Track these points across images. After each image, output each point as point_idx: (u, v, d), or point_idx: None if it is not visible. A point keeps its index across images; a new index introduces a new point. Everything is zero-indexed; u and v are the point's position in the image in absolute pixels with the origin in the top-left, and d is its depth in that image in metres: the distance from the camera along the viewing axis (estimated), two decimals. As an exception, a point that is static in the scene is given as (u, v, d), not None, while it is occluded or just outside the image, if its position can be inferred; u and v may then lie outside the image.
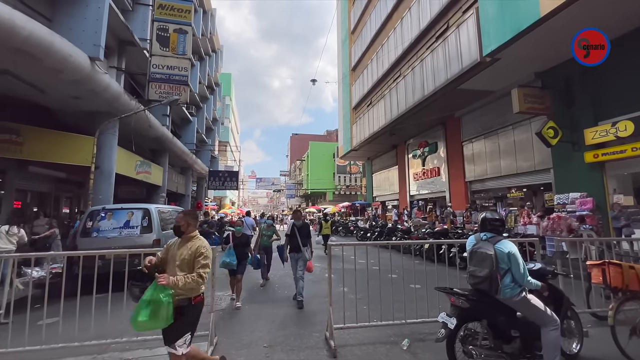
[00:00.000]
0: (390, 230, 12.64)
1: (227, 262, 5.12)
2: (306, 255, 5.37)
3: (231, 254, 5.17)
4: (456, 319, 2.64)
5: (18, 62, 6.33)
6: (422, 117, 13.59)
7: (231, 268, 5.19)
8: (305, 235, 5.51)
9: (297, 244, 5.39)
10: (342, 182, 44.81)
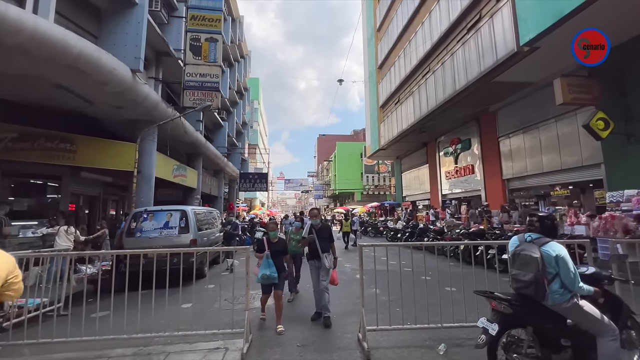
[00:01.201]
0: (422, 231, 12.27)
1: (267, 275, 4.12)
2: (326, 263, 4.40)
3: (270, 265, 4.18)
4: (498, 325, 2.50)
5: (70, 77, 6.95)
6: (453, 113, 13.06)
7: (272, 282, 4.20)
8: (326, 238, 4.56)
9: (315, 250, 4.50)
10: (371, 182, 44.25)
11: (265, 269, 4.15)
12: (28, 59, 6.02)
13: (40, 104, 8.46)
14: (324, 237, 4.55)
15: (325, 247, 4.49)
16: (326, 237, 4.57)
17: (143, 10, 8.93)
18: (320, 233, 4.58)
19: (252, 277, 4.01)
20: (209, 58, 12.05)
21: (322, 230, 4.62)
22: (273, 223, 4.71)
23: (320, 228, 4.63)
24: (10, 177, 8.91)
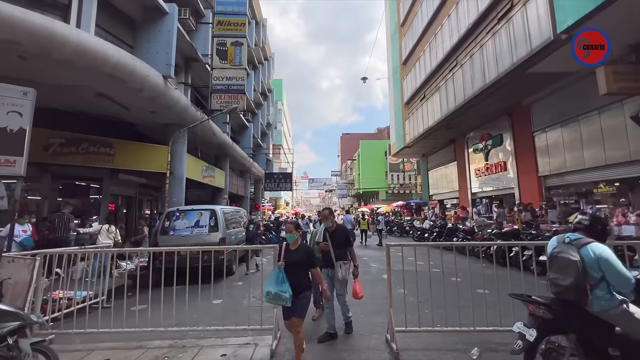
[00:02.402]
0: (450, 231, 11.87)
1: (273, 293, 2.93)
2: (339, 272, 3.80)
3: (280, 281, 2.96)
4: (536, 331, 2.36)
5: (109, 85, 7.42)
6: (483, 107, 12.50)
7: (281, 304, 2.98)
8: (340, 243, 3.90)
9: (328, 257, 3.89)
10: (395, 181, 43.43)
11: (272, 286, 2.96)
12: (73, 70, 6.50)
13: (84, 111, 9.11)
14: (339, 242, 3.92)
15: (340, 254, 3.87)
16: (342, 242, 3.94)
17: (173, 18, 9.35)
18: (335, 237, 3.95)
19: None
20: (234, 61, 12.38)
21: (337, 233, 4.00)
22: (292, 223, 3.41)
23: (335, 231, 4.02)
24: (58, 180, 9.69)
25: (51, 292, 4.07)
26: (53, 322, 3.95)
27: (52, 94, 7.35)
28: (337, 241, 3.94)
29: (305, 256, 3.16)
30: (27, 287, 3.30)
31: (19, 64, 6.09)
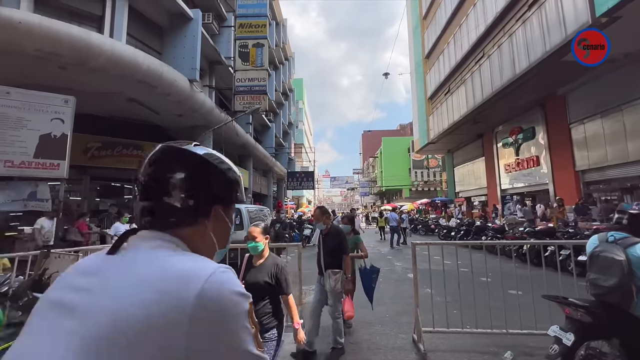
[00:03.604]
0: (478, 229, 11.44)
1: None
2: (328, 284, 3.24)
3: None
4: (574, 335, 2.22)
5: (140, 90, 7.81)
6: (513, 99, 11.90)
7: None
8: (333, 249, 3.33)
9: (319, 264, 3.43)
10: (419, 178, 42.47)
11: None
12: (107, 78, 6.91)
13: (117, 116, 9.66)
14: (331, 247, 3.34)
15: (331, 261, 3.30)
16: (334, 248, 3.32)
17: (197, 24, 9.66)
18: (327, 241, 3.38)
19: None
20: (256, 63, 12.62)
21: (330, 237, 3.39)
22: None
23: (327, 234, 3.42)
24: (96, 181, 10.34)
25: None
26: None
27: (89, 101, 7.85)
28: (329, 246, 3.34)
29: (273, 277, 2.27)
30: (71, 281, 3.54)
31: (60, 74, 6.56)
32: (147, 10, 9.06)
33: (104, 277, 0.53)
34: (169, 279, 0.51)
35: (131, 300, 0.49)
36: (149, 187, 0.62)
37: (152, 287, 0.50)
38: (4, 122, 5.18)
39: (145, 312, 0.47)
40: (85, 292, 0.52)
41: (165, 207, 0.61)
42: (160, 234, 0.60)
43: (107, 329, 0.47)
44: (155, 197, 0.62)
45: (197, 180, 0.63)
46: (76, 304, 0.51)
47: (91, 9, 7.72)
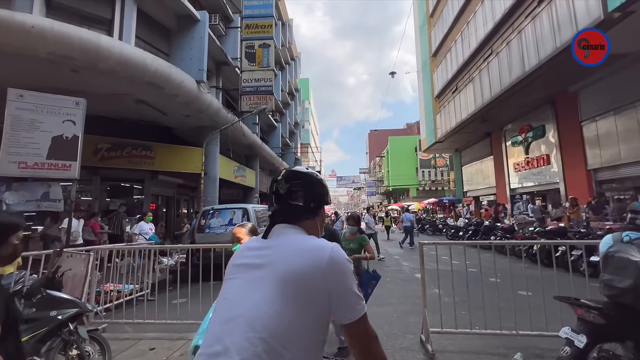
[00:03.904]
0: (487, 229, 11.30)
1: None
2: None
3: None
4: (587, 337, 2.18)
5: (148, 92, 7.92)
6: (522, 97, 11.70)
7: None
8: None
9: None
10: (427, 177, 42.13)
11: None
12: (116, 80, 7.02)
13: (126, 117, 9.81)
14: None
15: None
16: None
17: (204, 25, 9.75)
18: None
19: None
20: (262, 63, 12.66)
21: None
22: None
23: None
24: (106, 182, 10.52)
25: (103, 285, 4.44)
26: (105, 312, 4.30)
27: (99, 103, 7.99)
28: None
29: None
30: (83, 279, 3.63)
31: (72, 76, 6.69)
32: (155, 12, 9.17)
33: (275, 248, 0.95)
34: (311, 249, 0.92)
35: (295, 259, 0.90)
36: (284, 196, 1.03)
37: (304, 252, 0.91)
38: (18, 125, 5.31)
39: (303, 265, 0.88)
40: (265, 257, 0.93)
41: (295, 208, 1.02)
42: (293, 225, 1.01)
43: (285, 273, 0.87)
44: (289, 202, 1.02)
45: (313, 191, 1.06)
46: (262, 263, 0.92)
47: (101, 12, 7.85)
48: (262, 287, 0.87)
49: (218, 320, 0.88)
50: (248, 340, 0.79)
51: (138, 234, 6.62)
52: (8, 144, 5.23)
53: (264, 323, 0.81)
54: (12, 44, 5.58)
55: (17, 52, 5.74)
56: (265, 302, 0.84)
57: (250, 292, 0.88)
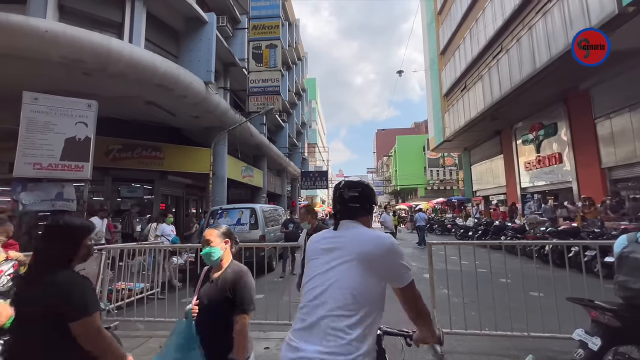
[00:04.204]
0: (497, 229, 11.13)
1: None
2: None
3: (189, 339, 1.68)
4: (601, 339, 2.13)
5: (158, 94, 8.04)
6: (533, 95, 11.49)
7: None
8: None
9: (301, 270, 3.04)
10: (435, 177, 41.72)
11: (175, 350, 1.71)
12: (127, 82, 7.15)
13: (136, 119, 9.98)
14: None
15: None
16: None
17: (212, 27, 9.84)
18: None
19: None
20: (269, 64, 12.72)
21: None
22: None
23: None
24: (117, 182, 10.72)
25: (115, 283, 4.53)
26: (116, 310, 4.38)
27: (110, 105, 8.14)
28: None
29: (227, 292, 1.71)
30: (95, 277, 3.70)
31: (83, 79, 6.83)
32: (163, 15, 9.30)
33: (347, 237, 1.30)
34: (376, 237, 1.28)
35: (366, 244, 1.25)
36: (347, 200, 1.39)
37: (370, 240, 1.27)
38: (33, 127, 5.45)
39: (372, 248, 1.23)
40: (340, 243, 1.29)
41: (355, 209, 1.39)
42: (354, 221, 1.37)
43: (359, 253, 1.23)
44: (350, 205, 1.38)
45: (368, 195, 1.42)
46: (336, 247, 1.28)
47: (111, 15, 8.00)
48: (344, 263, 1.24)
49: (314, 285, 1.26)
50: (341, 294, 1.18)
51: (160, 236, 6.73)
52: (24, 145, 5.37)
53: (351, 285, 1.19)
54: (27, 48, 5.73)
55: (31, 56, 5.89)
56: (348, 273, 1.22)
57: (336, 267, 1.24)
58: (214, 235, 1.88)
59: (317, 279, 1.25)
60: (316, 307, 1.19)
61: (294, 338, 1.19)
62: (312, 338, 1.14)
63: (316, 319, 1.17)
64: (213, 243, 1.84)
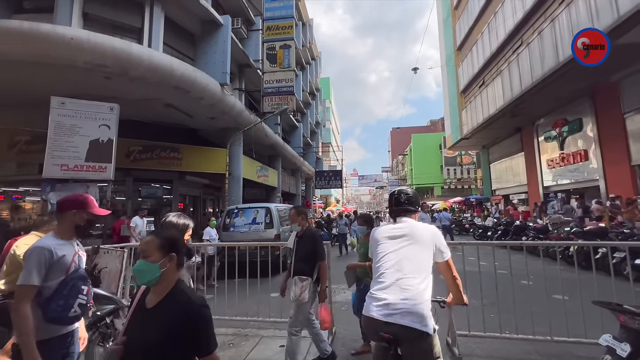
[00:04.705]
0: (518, 229, 10.77)
1: None
2: (293, 291, 2.91)
3: None
4: (630, 346, 2.02)
5: (175, 96, 8.25)
6: (556, 89, 11.02)
7: None
8: (306, 254, 3.00)
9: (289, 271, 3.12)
10: (452, 175, 40.82)
11: None
12: (146, 85, 7.38)
13: (155, 121, 10.28)
14: (303, 252, 3.01)
15: (301, 267, 2.95)
16: (307, 253, 2.99)
17: (227, 29, 10.00)
18: (300, 245, 3.06)
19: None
20: (283, 64, 12.81)
21: (304, 240, 3.07)
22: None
23: (302, 237, 3.09)
24: (138, 182, 11.08)
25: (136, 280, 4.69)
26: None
27: (131, 108, 8.41)
28: (302, 250, 3.01)
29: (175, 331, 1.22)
30: (118, 275, 3.84)
31: (105, 83, 7.11)
32: (181, 19, 9.53)
33: (407, 228, 1.88)
34: (425, 227, 1.90)
35: (421, 232, 1.85)
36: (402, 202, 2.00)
37: (422, 229, 1.88)
38: (60, 130, 5.72)
39: (425, 235, 1.84)
40: (402, 231, 1.87)
41: (408, 209, 1.98)
42: (407, 217, 1.95)
43: (418, 237, 1.83)
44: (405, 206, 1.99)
45: (416, 199, 2.06)
46: (401, 234, 1.85)
47: (132, 21, 8.27)
48: (409, 245, 1.80)
49: (389, 259, 1.79)
50: (409, 264, 1.74)
51: (208, 239, 6.96)
52: (52, 148, 5.64)
53: (414, 258, 1.76)
54: (55, 56, 6.02)
55: (58, 63, 6.18)
56: (412, 250, 1.78)
57: (404, 247, 1.80)
58: (152, 246, 1.30)
59: (390, 255, 1.81)
60: (393, 272, 1.74)
61: (377, 293, 1.72)
62: (392, 292, 1.68)
63: (394, 280, 1.71)
64: (150, 258, 1.29)
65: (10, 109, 8.46)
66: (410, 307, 1.62)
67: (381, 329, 1.64)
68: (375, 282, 1.79)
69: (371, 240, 1.99)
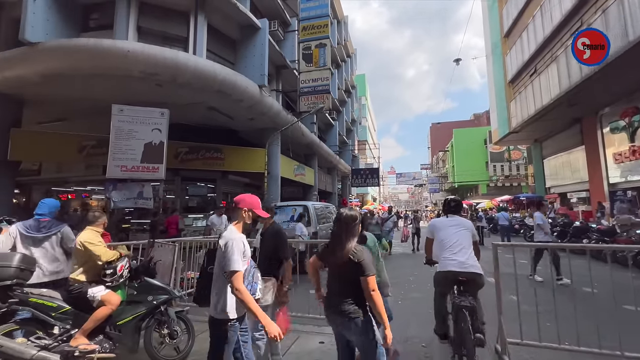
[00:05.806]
0: (578, 230, 9.74)
1: None
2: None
3: None
4: None
5: (218, 99, 8.70)
6: (624, 74, 9.73)
7: None
8: (269, 253, 2.78)
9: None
10: (499, 172, 38.05)
11: None
12: (191, 91, 7.87)
13: (200, 123, 10.93)
14: (266, 250, 2.78)
15: (266, 268, 2.64)
16: (270, 252, 2.77)
17: (265, 32, 10.31)
18: (263, 243, 2.83)
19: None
20: (319, 63, 12.88)
21: (267, 238, 2.83)
22: None
23: (264, 235, 2.86)
24: (185, 182, 11.89)
25: (186, 272, 5.04)
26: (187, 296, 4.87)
27: (178, 112, 9.03)
28: (265, 249, 2.78)
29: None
30: (170, 267, 4.16)
31: (156, 90, 7.71)
32: (222, 26, 10.01)
33: (457, 220, 3.19)
34: (467, 221, 3.25)
35: (466, 222, 3.18)
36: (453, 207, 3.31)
37: (467, 222, 3.20)
38: (120, 134, 6.32)
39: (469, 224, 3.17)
40: (456, 222, 3.15)
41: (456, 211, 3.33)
42: (457, 215, 3.31)
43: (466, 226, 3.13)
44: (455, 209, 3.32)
45: (461, 204, 3.52)
46: (456, 224, 3.13)
47: (179, 31, 8.87)
48: (462, 230, 3.04)
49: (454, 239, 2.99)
50: (465, 241, 2.99)
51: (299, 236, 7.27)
52: (114, 150, 6.27)
53: (466, 238, 3.01)
54: (115, 67, 6.68)
55: (117, 74, 6.84)
56: (465, 234, 3.02)
57: (460, 231, 3.03)
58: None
59: (454, 236, 2.99)
60: (457, 244, 2.94)
61: (451, 256, 2.91)
62: (461, 255, 2.90)
63: (460, 249, 2.92)
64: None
65: (79, 117, 9.56)
66: (473, 262, 2.90)
67: (459, 275, 2.86)
68: (445, 250, 2.95)
69: (433, 227, 3.19)
